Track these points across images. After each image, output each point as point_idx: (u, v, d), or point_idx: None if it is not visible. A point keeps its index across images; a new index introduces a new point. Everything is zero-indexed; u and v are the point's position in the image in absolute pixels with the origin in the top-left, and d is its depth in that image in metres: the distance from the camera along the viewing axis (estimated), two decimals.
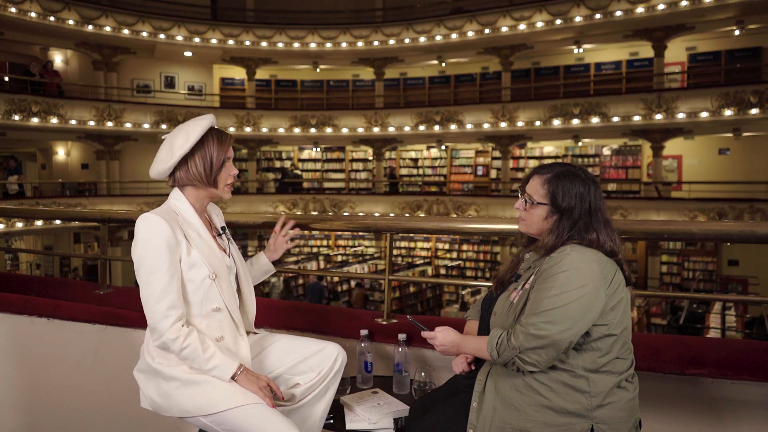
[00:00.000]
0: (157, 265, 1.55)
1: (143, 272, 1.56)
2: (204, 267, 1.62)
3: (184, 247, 1.60)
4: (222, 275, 1.66)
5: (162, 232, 1.57)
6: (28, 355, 2.71)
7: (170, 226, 1.58)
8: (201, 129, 1.63)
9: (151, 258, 1.56)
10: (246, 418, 1.55)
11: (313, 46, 16.19)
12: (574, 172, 1.54)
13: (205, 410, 1.57)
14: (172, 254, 1.57)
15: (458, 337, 1.62)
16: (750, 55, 13.72)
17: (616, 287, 1.47)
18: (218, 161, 1.65)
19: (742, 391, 1.88)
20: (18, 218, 12.85)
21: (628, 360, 1.51)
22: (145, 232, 1.58)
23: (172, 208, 1.67)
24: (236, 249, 1.82)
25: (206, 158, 1.64)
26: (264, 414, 1.56)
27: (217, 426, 1.59)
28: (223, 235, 1.78)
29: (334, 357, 1.76)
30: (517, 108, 14.78)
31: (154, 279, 1.55)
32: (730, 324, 8.82)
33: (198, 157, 1.64)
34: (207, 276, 1.62)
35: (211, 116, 1.69)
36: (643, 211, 13.11)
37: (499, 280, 1.69)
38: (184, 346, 1.55)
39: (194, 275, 1.61)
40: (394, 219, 2.80)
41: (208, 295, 1.63)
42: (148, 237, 1.57)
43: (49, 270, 15.83)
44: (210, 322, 1.65)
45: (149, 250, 1.56)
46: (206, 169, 1.64)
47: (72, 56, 16.12)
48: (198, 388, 1.59)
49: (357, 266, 15.02)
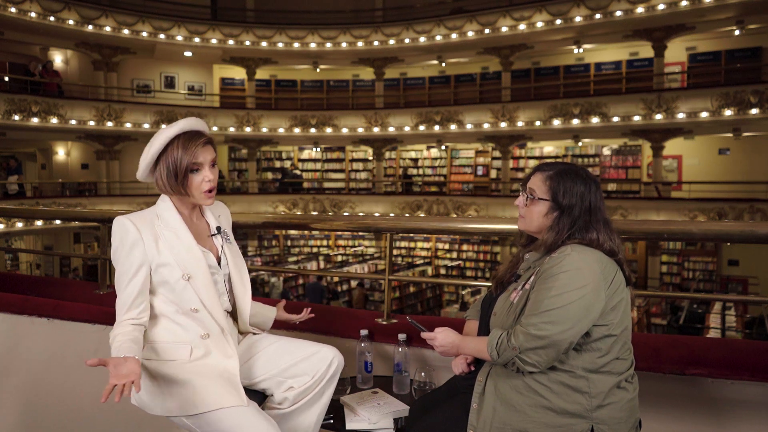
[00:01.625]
0: (125, 267, 1.60)
1: (116, 273, 1.63)
2: (176, 268, 1.62)
3: (153, 247, 1.61)
4: (198, 276, 1.64)
5: (129, 234, 1.60)
6: (28, 355, 2.71)
7: (137, 228, 1.60)
8: (164, 137, 1.59)
9: (121, 260, 1.61)
10: (228, 420, 1.54)
11: (313, 46, 16.19)
12: (576, 171, 1.55)
13: (186, 411, 1.57)
14: (140, 256, 1.60)
15: (458, 338, 1.62)
16: (750, 55, 13.72)
17: (616, 287, 1.47)
18: (182, 168, 1.59)
19: (742, 391, 1.88)
20: (18, 218, 12.84)
21: (627, 360, 1.51)
22: (114, 234, 1.62)
23: (154, 210, 1.69)
24: (233, 250, 1.79)
25: (170, 166, 1.59)
26: (246, 417, 1.54)
27: (198, 428, 1.58)
28: (218, 235, 1.76)
29: (329, 360, 1.73)
30: (517, 108, 14.78)
31: (122, 280, 1.61)
32: (730, 324, 8.82)
33: (162, 166, 1.61)
34: (180, 277, 1.62)
35: (186, 121, 1.63)
36: (643, 211, 13.11)
37: (499, 280, 1.69)
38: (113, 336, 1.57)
39: (167, 275, 1.62)
40: (394, 219, 2.80)
41: (184, 296, 1.63)
42: (118, 239, 1.61)
43: (49, 270, 15.83)
44: (192, 320, 1.65)
45: (119, 252, 1.61)
46: (170, 177, 1.60)
47: (72, 56, 16.12)
48: (180, 388, 1.58)
49: (357, 266, 15.02)
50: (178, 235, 1.65)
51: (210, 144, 1.65)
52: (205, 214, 1.79)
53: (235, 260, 1.78)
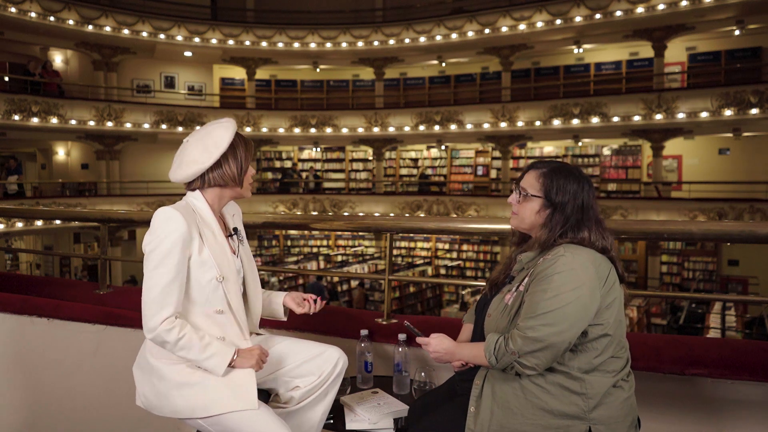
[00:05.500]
0: (166, 258, 1.56)
1: (151, 263, 1.57)
2: (213, 268, 1.62)
3: (196, 244, 1.61)
4: (230, 278, 1.66)
5: (179, 227, 1.57)
6: (28, 355, 2.71)
7: (187, 222, 1.59)
8: (232, 132, 1.71)
9: (162, 251, 1.56)
10: (240, 422, 1.55)
11: (313, 46, 16.19)
12: (569, 169, 1.55)
13: (198, 413, 1.57)
14: (184, 250, 1.58)
15: (452, 345, 1.61)
16: (750, 55, 13.72)
17: (610, 286, 1.47)
18: (246, 163, 1.73)
19: (742, 391, 1.88)
20: (18, 218, 12.84)
21: (623, 358, 1.51)
22: (161, 224, 1.58)
23: (191, 206, 1.68)
24: (247, 250, 1.82)
25: (238, 160, 1.71)
26: (258, 418, 1.55)
27: (210, 427, 1.59)
28: (234, 236, 1.78)
29: (335, 360, 1.76)
30: (517, 108, 14.78)
31: (160, 272, 1.56)
32: (730, 324, 8.81)
33: (231, 159, 1.70)
34: (214, 277, 1.62)
35: (233, 122, 1.78)
36: (643, 211, 13.11)
37: (493, 282, 1.69)
38: (180, 336, 1.55)
39: (201, 275, 1.62)
40: (394, 219, 2.80)
41: (213, 297, 1.63)
42: (163, 229, 1.57)
43: (49, 270, 15.82)
44: (211, 322, 1.65)
45: (162, 242, 1.56)
46: (237, 170, 1.71)
47: (72, 56, 16.12)
48: (191, 390, 1.59)
49: (357, 266, 15.03)
50: (215, 234, 1.67)
51: None
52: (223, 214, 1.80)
53: (249, 262, 1.81)
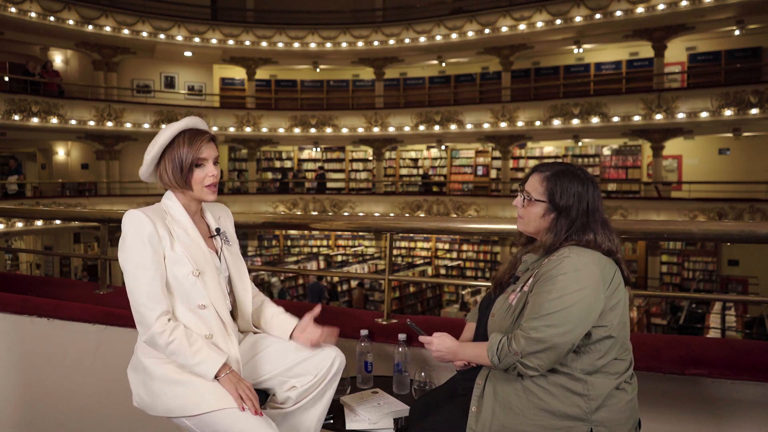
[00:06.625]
0: (141, 259, 1.58)
1: (129, 266, 1.58)
2: (188, 263, 1.62)
3: (167, 242, 1.62)
4: (208, 273, 1.66)
5: (144, 227, 1.59)
6: (28, 355, 2.71)
7: (152, 222, 1.60)
8: (170, 132, 1.64)
9: (136, 252, 1.58)
10: (229, 421, 1.54)
11: (313, 46, 16.19)
12: (573, 172, 1.54)
13: (188, 411, 1.56)
14: (155, 249, 1.59)
15: (455, 344, 1.61)
16: (750, 55, 13.72)
17: (615, 288, 1.47)
18: (187, 163, 1.64)
19: (742, 391, 1.88)
20: (18, 218, 12.84)
21: (626, 361, 1.50)
22: (128, 227, 1.60)
23: (162, 206, 1.69)
24: (233, 252, 1.81)
25: (175, 161, 1.64)
26: (247, 418, 1.54)
27: (199, 429, 1.57)
28: (218, 237, 1.77)
29: (332, 359, 1.74)
30: (517, 108, 14.78)
31: (140, 273, 1.57)
32: (730, 324, 8.81)
33: (167, 161, 1.65)
34: (190, 272, 1.62)
35: (190, 119, 1.68)
36: (643, 211, 13.11)
37: (497, 282, 1.68)
38: (170, 340, 1.55)
39: (178, 271, 1.62)
40: (394, 219, 2.80)
41: (193, 291, 1.63)
42: (132, 232, 1.59)
43: (49, 270, 15.82)
44: (197, 318, 1.64)
45: (133, 245, 1.59)
46: (175, 171, 1.64)
47: (72, 56, 16.12)
48: (181, 388, 1.58)
49: (357, 266, 15.02)
50: (187, 232, 1.67)
51: (213, 141, 1.71)
52: (205, 215, 1.80)
53: (235, 261, 1.80)
